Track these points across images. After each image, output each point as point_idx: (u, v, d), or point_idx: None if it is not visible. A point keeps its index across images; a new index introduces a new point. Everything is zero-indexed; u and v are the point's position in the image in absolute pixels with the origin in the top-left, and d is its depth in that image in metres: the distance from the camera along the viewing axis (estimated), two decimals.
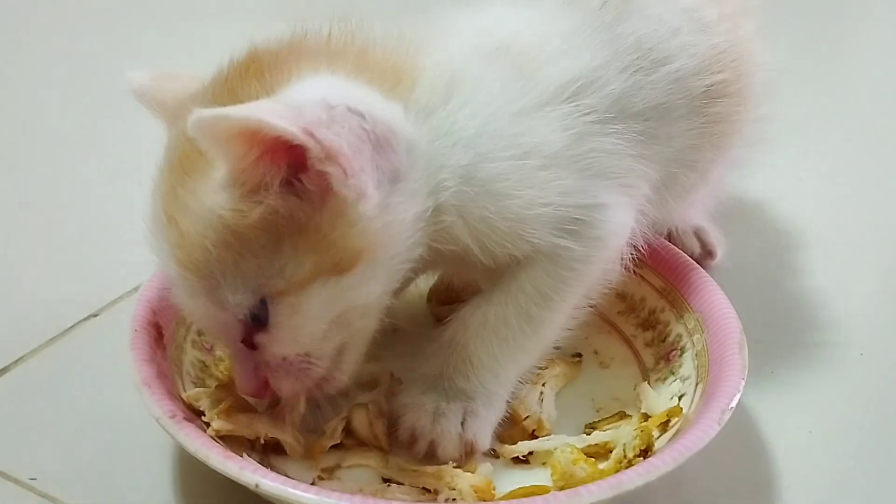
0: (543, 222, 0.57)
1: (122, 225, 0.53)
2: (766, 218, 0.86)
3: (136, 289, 0.64)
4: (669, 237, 0.75)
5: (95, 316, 0.72)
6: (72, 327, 0.71)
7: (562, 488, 0.56)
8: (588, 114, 0.59)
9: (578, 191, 0.58)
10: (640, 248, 0.63)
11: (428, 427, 0.58)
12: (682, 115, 0.63)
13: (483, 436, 0.59)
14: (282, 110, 0.50)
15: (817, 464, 0.63)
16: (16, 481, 0.59)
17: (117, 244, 0.77)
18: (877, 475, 0.63)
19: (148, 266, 0.62)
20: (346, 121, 0.51)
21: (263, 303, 0.53)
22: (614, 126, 0.60)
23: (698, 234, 0.78)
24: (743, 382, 0.58)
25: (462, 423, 0.59)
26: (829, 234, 0.85)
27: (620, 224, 0.61)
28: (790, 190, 0.90)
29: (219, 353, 0.64)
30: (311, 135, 0.49)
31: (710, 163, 0.68)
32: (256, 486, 0.51)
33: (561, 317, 0.61)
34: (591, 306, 0.63)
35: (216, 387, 0.60)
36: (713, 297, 0.65)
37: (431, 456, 0.58)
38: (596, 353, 0.68)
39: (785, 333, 0.73)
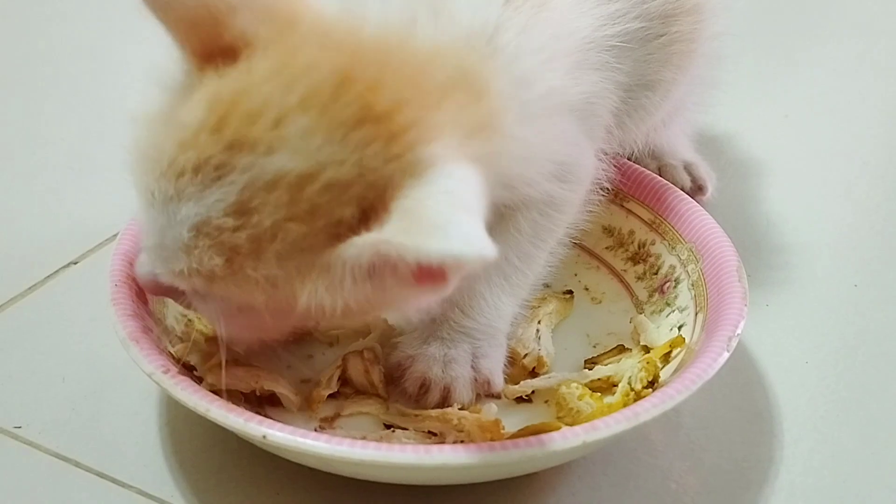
0: (545, 172, 0.57)
1: (101, 170, 0.51)
2: (755, 153, 0.85)
3: (115, 235, 0.62)
4: (660, 172, 0.74)
5: (76, 263, 0.70)
6: (52, 275, 0.69)
7: (569, 424, 0.55)
8: (598, 56, 0.58)
9: (575, 140, 0.59)
10: (611, 179, 0.64)
11: (440, 374, 0.57)
12: (642, 37, 0.62)
13: (497, 374, 0.58)
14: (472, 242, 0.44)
15: (813, 395, 0.63)
16: (0, 430, 0.58)
17: (96, 190, 0.76)
18: (872, 405, 0.63)
19: (128, 212, 0.60)
20: None
21: None
22: (608, 63, 0.59)
23: (688, 169, 0.77)
24: (746, 309, 0.58)
25: (472, 366, 0.58)
26: (823, 167, 0.85)
27: (592, 165, 0.62)
28: (779, 125, 0.90)
29: None
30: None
31: (672, 83, 0.67)
32: (264, 437, 0.49)
33: (548, 252, 0.62)
34: (574, 242, 0.64)
35: (205, 341, 0.58)
36: (705, 226, 0.64)
37: (444, 404, 0.57)
38: (587, 289, 0.67)
39: (778, 266, 0.73)
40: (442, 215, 0.44)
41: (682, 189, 0.72)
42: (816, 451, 0.59)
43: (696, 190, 0.76)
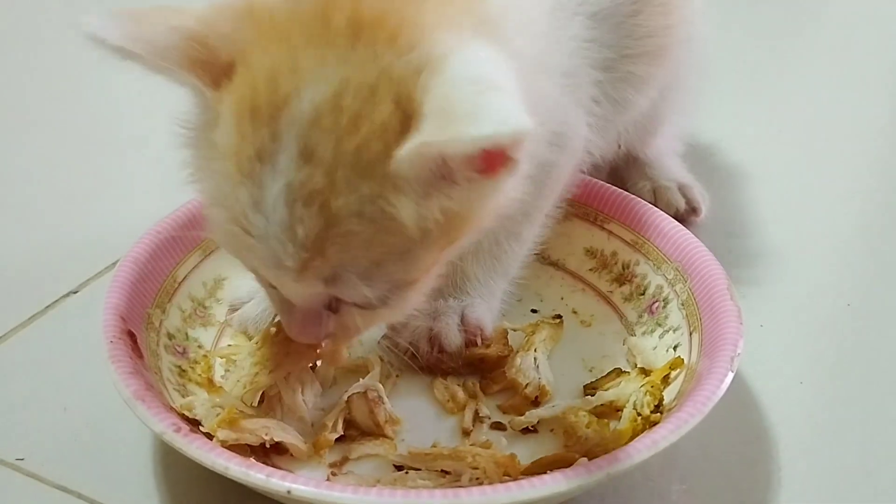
0: (542, 137, 0.57)
1: (99, 199, 0.50)
2: (747, 170, 0.86)
3: (114, 263, 0.63)
4: (655, 194, 0.75)
5: (75, 293, 0.70)
6: (52, 304, 0.69)
7: (579, 452, 0.55)
8: (582, 20, 0.61)
9: (563, 104, 0.60)
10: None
11: (427, 324, 0.60)
12: (616, 22, 0.64)
13: (486, 320, 0.60)
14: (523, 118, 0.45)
15: (809, 414, 0.64)
16: (2, 462, 0.57)
17: (94, 219, 0.76)
18: (868, 424, 0.63)
19: (126, 240, 0.61)
20: None
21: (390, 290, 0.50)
22: (585, 33, 0.62)
23: (683, 191, 0.78)
24: (742, 327, 0.58)
25: (462, 317, 0.61)
26: (815, 186, 0.85)
27: (583, 133, 0.63)
28: (771, 142, 0.91)
29: (192, 355, 0.61)
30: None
31: (648, 78, 0.68)
32: (288, 492, 0.48)
33: (538, 228, 0.64)
34: (558, 266, 0.66)
35: (209, 393, 0.56)
36: (689, 245, 0.65)
37: (439, 353, 0.59)
38: (575, 312, 0.67)
39: (771, 286, 0.73)
40: (469, 101, 0.45)
41: (677, 211, 0.73)
42: (813, 472, 0.59)
43: (691, 211, 0.77)
